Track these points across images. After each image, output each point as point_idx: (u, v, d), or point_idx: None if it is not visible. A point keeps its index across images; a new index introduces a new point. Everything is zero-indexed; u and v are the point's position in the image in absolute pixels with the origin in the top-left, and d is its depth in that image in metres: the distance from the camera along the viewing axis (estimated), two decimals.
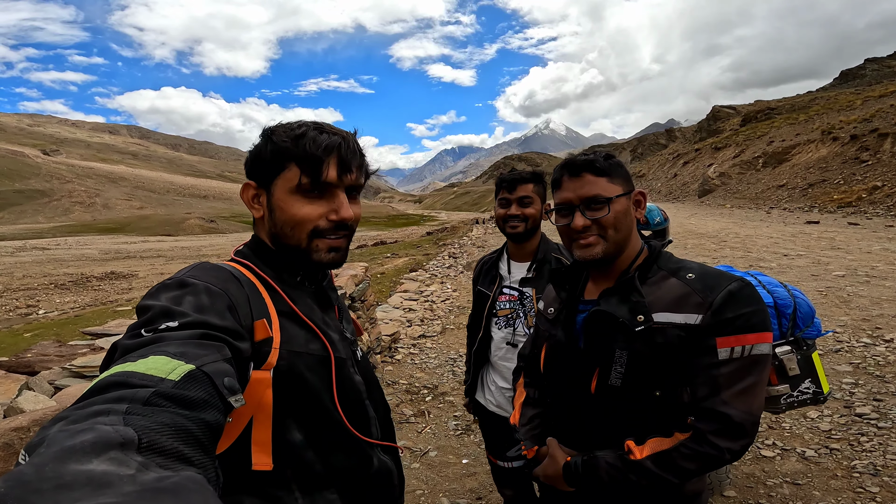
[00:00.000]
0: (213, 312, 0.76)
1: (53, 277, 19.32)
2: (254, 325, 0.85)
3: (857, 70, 72.08)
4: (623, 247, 1.18)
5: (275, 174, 0.94)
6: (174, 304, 0.74)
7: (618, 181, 1.17)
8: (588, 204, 1.15)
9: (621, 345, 1.11)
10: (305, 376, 0.91)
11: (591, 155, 1.19)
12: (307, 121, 0.98)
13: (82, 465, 0.38)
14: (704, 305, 1.05)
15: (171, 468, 0.43)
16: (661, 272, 1.16)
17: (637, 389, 1.11)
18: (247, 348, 0.79)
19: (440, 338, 6.47)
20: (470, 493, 3.03)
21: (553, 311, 1.34)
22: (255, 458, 0.84)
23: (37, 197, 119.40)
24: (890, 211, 17.07)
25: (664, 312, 1.08)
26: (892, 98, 30.11)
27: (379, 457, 1.06)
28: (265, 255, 0.98)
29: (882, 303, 6.11)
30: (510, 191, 1.89)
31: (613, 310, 1.12)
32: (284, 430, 0.89)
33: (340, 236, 0.98)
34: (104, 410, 0.48)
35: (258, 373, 0.84)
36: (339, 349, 1.00)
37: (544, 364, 1.34)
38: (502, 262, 2.04)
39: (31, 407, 1.65)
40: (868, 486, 2.72)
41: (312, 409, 0.93)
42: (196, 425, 0.51)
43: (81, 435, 0.41)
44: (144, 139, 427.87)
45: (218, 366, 0.63)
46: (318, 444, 0.93)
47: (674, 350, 1.06)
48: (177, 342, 0.65)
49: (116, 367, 0.58)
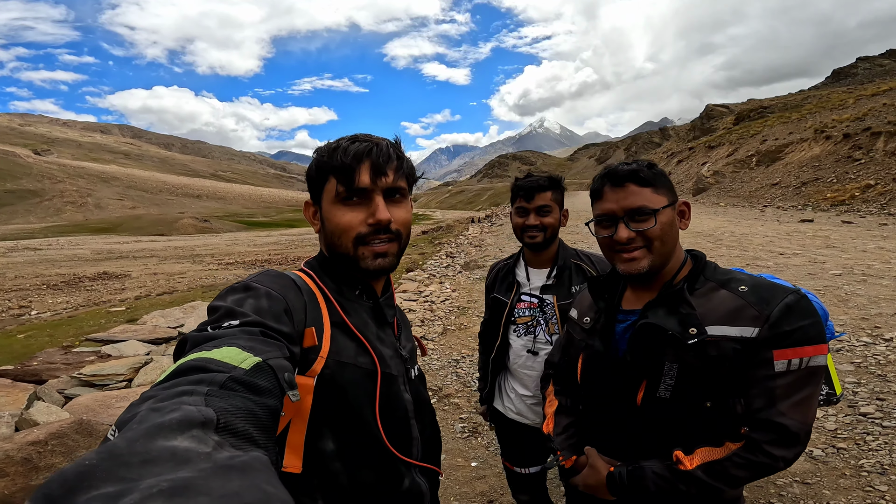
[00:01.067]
0: (269, 315, 0.81)
1: (46, 278, 19.13)
2: (304, 332, 0.89)
3: (850, 69, 72.67)
4: (668, 259, 1.16)
5: (320, 188, 1.01)
6: (237, 306, 0.80)
7: (662, 191, 1.14)
8: (632, 215, 1.12)
9: (671, 357, 1.09)
10: (349, 388, 0.93)
11: (634, 164, 1.16)
12: (347, 136, 1.02)
13: (168, 442, 0.41)
14: (761, 318, 1.03)
15: (241, 448, 0.46)
16: (709, 283, 1.14)
17: (687, 401, 1.10)
18: (297, 352, 0.83)
19: (442, 339, 6.45)
20: (481, 496, 3.02)
21: (589, 320, 1.32)
22: (287, 460, 0.87)
23: (28, 197, 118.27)
24: (883, 209, 17.23)
25: (718, 325, 1.07)
26: (884, 97, 30.39)
27: (414, 478, 1.05)
28: (327, 267, 1.04)
29: (880, 302, 6.16)
30: (528, 199, 1.84)
31: (663, 322, 1.10)
32: (318, 437, 0.91)
33: (385, 241, 0.99)
34: (188, 391, 0.52)
35: (301, 378, 0.87)
36: (390, 365, 1.02)
37: (581, 374, 1.32)
38: (519, 268, 2.00)
39: (45, 419, 1.62)
40: (877, 484, 2.74)
41: (350, 422, 0.94)
42: (262, 411, 0.55)
43: (169, 413, 0.45)
44: (136, 138, 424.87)
45: (280, 361, 0.68)
46: (347, 457, 0.94)
47: (727, 362, 1.05)
48: (246, 337, 0.70)
49: (194, 354, 0.63)
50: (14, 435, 1.52)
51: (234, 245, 34.44)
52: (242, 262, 22.48)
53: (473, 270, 11.94)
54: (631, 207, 1.12)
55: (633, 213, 1.12)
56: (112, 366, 2.20)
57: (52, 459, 1.47)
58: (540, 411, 1.90)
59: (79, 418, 1.60)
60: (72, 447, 1.51)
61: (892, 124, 23.15)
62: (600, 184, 1.18)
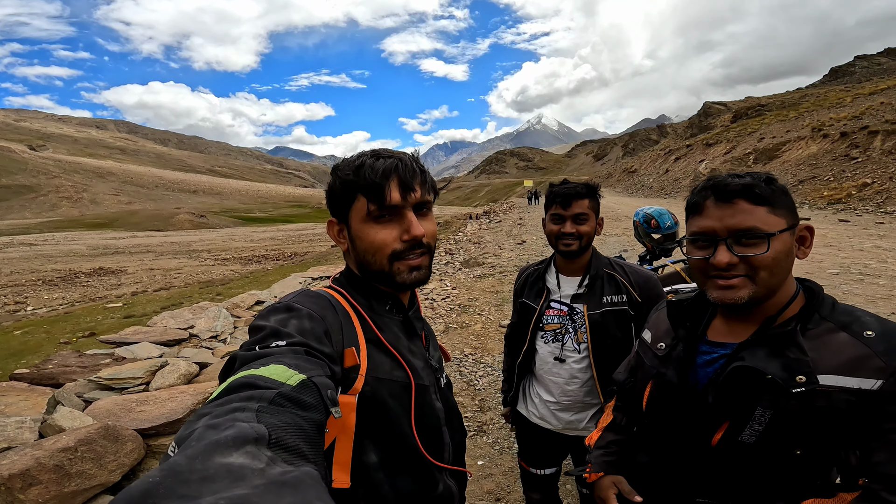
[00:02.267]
0: (312, 336, 0.84)
1: (41, 274, 19.05)
2: (344, 353, 0.91)
3: (847, 67, 72.80)
4: (775, 292, 0.99)
5: (348, 207, 1.01)
6: (281, 326, 0.83)
7: (781, 212, 0.97)
8: (738, 238, 0.96)
9: (766, 403, 0.96)
10: (388, 402, 0.96)
11: (749, 178, 0.97)
12: (366, 150, 1.03)
13: (224, 459, 0.43)
14: (888, 371, 0.89)
15: (292, 463, 0.48)
16: (825, 324, 0.97)
17: (773, 448, 0.97)
18: (338, 371, 0.85)
19: (443, 337, 6.48)
20: (488, 494, 3.07)
21: (664, 346, 1.18)
22: (336, 476, 0.89)
23: (23, 192, 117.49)
24: (880, 208, 17.33)
25: (833, 375, 0.92)
26: (882, 95, 30.50)
27: (445, 481, 1.09)
28: (357, 284, 1.05)
29: (877, 301, 6.22)
30: (564, 206, 1.80)
31: (763, 366, 0.96)
32: (362, 451, 0.93)
33: (418, 255, 1.01)
34: (240, 407, 0.55)
35: (344, 397, 0.89)
36: (422, 377, 1.05)
37: (648, 403, 1.20)
38: (550, 274, 1.96)
39: (70, 424, 1.64)
40: None
41: (390, 433, 0.97)
42: (309, 425, 0.58)
43: (225, 430, 0.48)
44: (132, 134, 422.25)
45: (323, 379, 0.70)
46: (389, 467, 0.97)
47: (837, 414, 0.92)
48: (291, 355, 0.73)
49: (243, 371, 0.66)
50: (43, 442, 1.54)
51: (230, 241, 34.35)
52: (239, 258, 22.44)
53: (473, 268, 11.96)
54: (738, 228, 0.95)
55: (741, 234, 0.96)
56: (129, 369, 2.22)
57: (82, 466, 1.48)
58: (563, 417, 1.92)
59: (104, 423, 1.62)
60: (100, 453, 1.53)
61: (889, 123, 23.26)
62: (702, 196, 1.02)
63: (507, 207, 48.09)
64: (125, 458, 1.87)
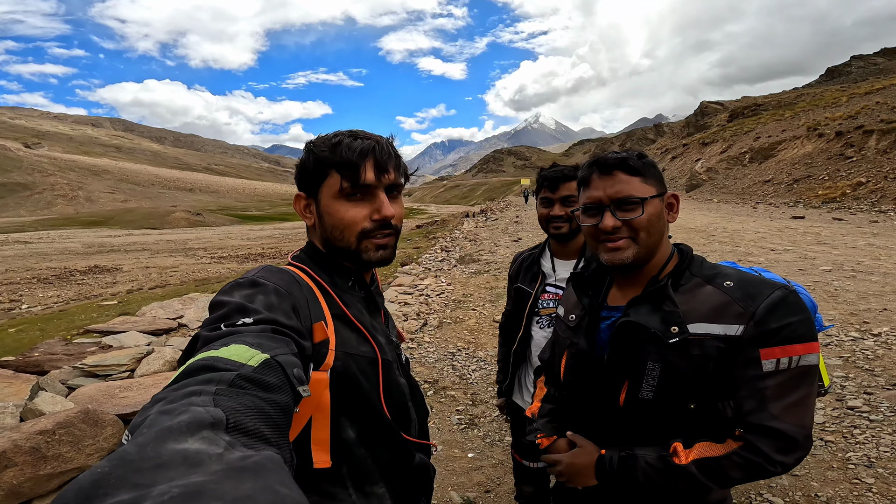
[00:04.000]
0: (280, 311, 0.81)
1: (36, 271, 18.93)
2: (312, 328, 0.90)
3: (844, 67, 73.06)
4: (654, 251, 1.12)
5: (319, 182, 1.01)
6: (248, 301, 0.80)
7: (651, 181, 1.11)
8: (619, 204, 1.09)
9: (653, 357, 1.05)
10: (358, 377, 0.96)
11: (624, 153, 1.13)
12: (342, 130, 1.04)
13: (178, 445, 0.41)
14: (746, 315, 0.98)
15: (253, 447, 0.46)
16: (694, 279, 1.09)
17: (670, 402, 1.05)
18: (308, 347, 0.83)
19: (437, 332, 6.49)
20: (478, 486, 3.07)
21: (574, 317, 1.27)
22: (316, 457, 0.88)
23: (18, 190, 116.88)
24: (874, 207, 17.41)
25: (701, 323, 1.02)
26: (877, 95, 30.60)
27: (417, 454, 1.10)
28: (320, 260, 1.05)
29: (868, 297, 6.25)
30: (552, 190, 1.82)
31: (644, 320, 1.06)
32: (339, 428, 0.93)
33: (386, 234, 1.03)
34: (196, 391, 0.52)
35: (317, 374, 0.87)
36: (387, 352, 1.05)
37: (565, 373, 1.28)
38: (545, 258, 1.97)
39: (50, 409, 1.63)
40: (864, 477, 2.81)
41: (364, 408, 0.97)
42: (273, 408, 0.55)
43: (178, 416, 0.45)
44: (128, 132, 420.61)
45: (289, 358, 0.67)
46: (367, 441, 0.98)
47: (712, 362, 1.01)
48: (253, 334, 0.70)
49: (202, 353, 0.63)
50: (22, 425, 1.53)
51: (227, 239, 34.26)
52: (235, 256, 22.39)
53: (469, 264, 11.97)
54: (618, 196, 1.08)
55: (620, 201, 1.08)
56: (114, 356, 2.21)
57: (59, 448, 1.48)
58: None
59: (84, 408, 1.61)
60: (79, 436, 1.53)
61: (884, 122, 23.36)
62: (588, 171, 1.15)
63: (503, 206, 48.12)
64: (104, 443, 1.85)
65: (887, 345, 4.68)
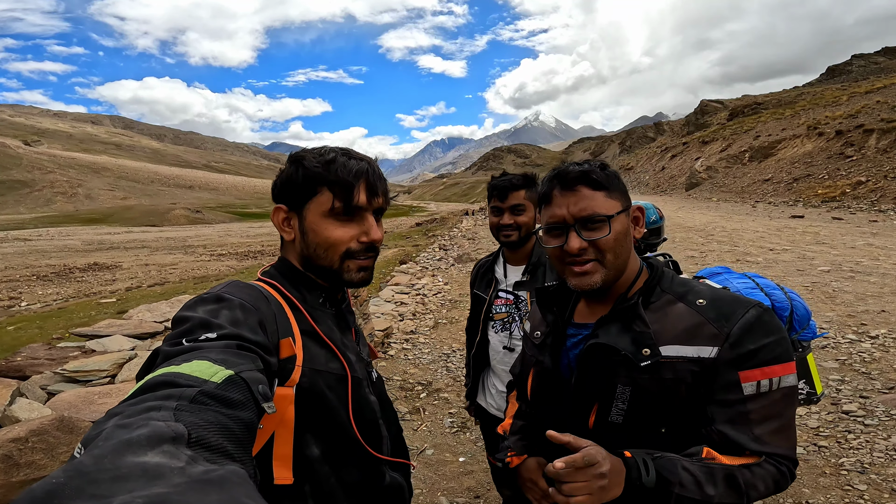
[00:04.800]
0: (246, 327, 0.80)
1: (36, 269, 18.93)
2: (279, 343, 0.88)
3: (844, 66, 72.91)
4: (622, 271, 1.05)
5: (307, 198, 0.99)
6: (212, 317, 0.78)
7: (616, 195, 1.03)
8: (584, 223, 1.01)
9: (623, 380, 0.99)
10: (325, 394, 0.95)
11: (586, 165, 1.04)
12: (333, 146, 1.03)
13: (137, 458, 0.40)
14: (720, 337, 0.93)
15: (216, 462, 0.45)
16: (665, 296, 1.03)
17: (641, 426, 0.99)
18: (275, 363, 0.83)
19: (433, 332, 6.47)
20: (468, 491, 3.05)
21: (539, 334, 1.21)
22: (277, 473, 0.87)
23: (18, 187, 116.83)
24: (873, 206, 17.38)
25: (673, 345, 0.96)
26: (877, 94, 30.55)
27: (389, 473, 1.09)
28: (292, 277, 1.03)
29: (867, 298, 6.22)
30: (501, 199, 1.88)
31: (614, 342, 1.00)
32: (303, 445, 0.92)
33: (369, 256, 1.03)
34: (156, 406, 0.51)
35: (282, 389, 0.86)
36: (357, 369, 1.04)
37: (532, 392, 1.22)
38: (498, 265, 2.04)
39: (27, 415, 1.61)
40: (856, 483, 2.78)
41: (330, 426, 0.96)
42: (236, 424, 0.54)
43: (137, 429, 0.44)
44: (128, 129, 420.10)
45: (254, 374, 0.66)
46: (333, 459, 0.96)
47: (684, 385, 0.95)
48: (217, 350, 0.69)
49: (162, 369, 0.62)
50: None
51: (226, 236, 34.24)
52: (235, 254, 22.37)
53: (466, 263, 11.95)
54: (582, 214, 1.00)
55: (585, 220, 1.01)
56: (95, 362, 2.19)
57: (32, 456, 1.47)
58: None
59: (60, 415, 1.59)
60: (53, 444, 1.52)
61: (884, 122, 23.30)
62: (548, 187, 1.06)
63: None
64: None
65: (884, 347, 4.65)
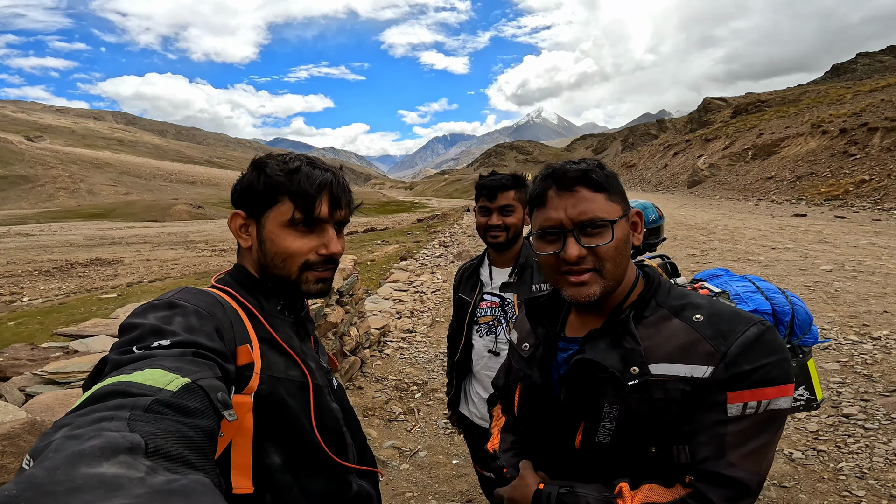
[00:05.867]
0: (202, 334, 0.77)
1: (37, 264, 18.98)
2: (237, 350, 0.86)
3: (849, 64, 72.56)
4: (620, 281, 0.97)
5: (267, 207, 0.97)
6: (164, 324, 0.75)
7: (616, 198, 0.96)
8: (584, 228, 0.92)
9: (611, 399, 0.93)
10: (286, 401, 0.93)
11: (584, 164, 0.96)
12: (297, 154, 1.01)
13: (93, 469, 0.38)
14: (716, 356, 0.87)
15: (178, 472, 0.44)
16: (660, 310, 0.96)
17: (629, 446, 0.95)
18: (232, 370, 0.80)
19: (430, 331, 6.43)
20: (460, 495, 3.01)
21: (528, 346, 1.14)
22: (236, 482, 0.84)
23: (20, 183, 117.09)
24: (877, 205, 17.26)
25: (665, 363, 0.90)
26: (882, 93, 30.35)
27: (356, 482, 1.07)
28: (248, 284, 1.00)
29: (869, 299, 6.15)
30: (490, 199, 1.83)
31: (601, 358, 0.93)
32: (263, 453, 0.90)
33: (328, 268, 1.02)
34: (108, 417, 0.49)
35: (239, 397, 0.84)
36: (317, 377, 1.03)
37: (518, 407, 1.16)
38: (483, 268, 2.01)
39: (1, 418, 1.57)
40: (854, 489, 2.73)
41: (291, 434, 0.94)
42: (195, 433, 0.53)
43: (90, 440, 0.42)
44: (130, 125, 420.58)
45: (212, 381, 0.64)
46: (295, 468, 0.95)
47: (675, 405, 0.90)
48: (171, 357, 0.66)
49: (112, 378, 0.59)
50: None
51: (228, 231, 34.30)
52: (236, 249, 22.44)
53: (465, 260, 11.91)
54: (582, 219, 0.92)
55: (585, 225, 0.92)
56: (75, 363, 2.15)
57: (2, 461, 1.45)
58: None
59: (32, 418, 1.56)
60: (24, 447, 1.49)
61: (888, 120, 23.14)
62: (542, 187, 0.97)
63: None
64: None
65: (886, 349, 4.59)
